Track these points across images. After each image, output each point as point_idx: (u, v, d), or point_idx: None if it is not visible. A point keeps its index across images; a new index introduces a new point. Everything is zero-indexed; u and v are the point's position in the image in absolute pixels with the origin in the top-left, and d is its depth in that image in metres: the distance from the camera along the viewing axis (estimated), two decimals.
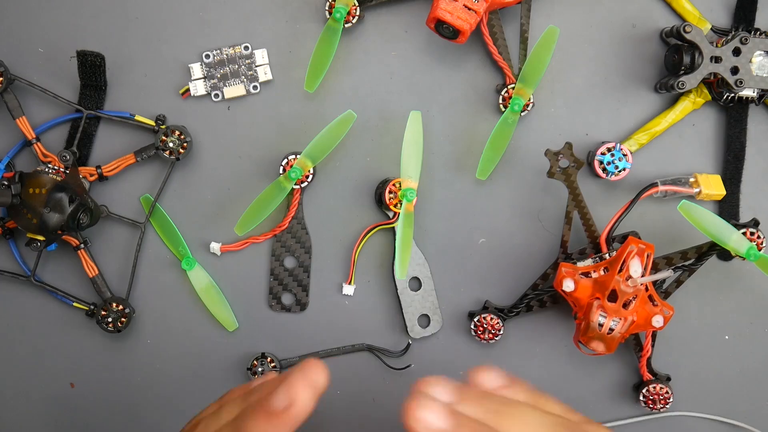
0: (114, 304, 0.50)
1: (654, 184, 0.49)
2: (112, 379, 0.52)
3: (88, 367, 0.52)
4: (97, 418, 0.52)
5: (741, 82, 0.48)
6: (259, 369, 0.51)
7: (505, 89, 0.50)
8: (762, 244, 0.48)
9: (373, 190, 0.51)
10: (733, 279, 0.52)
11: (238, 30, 0.50)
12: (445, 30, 0.47)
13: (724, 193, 0.50)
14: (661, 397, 0.51)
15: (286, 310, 0.52)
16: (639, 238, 0.48)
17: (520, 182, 0.52)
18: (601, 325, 0.45)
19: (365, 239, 0.51)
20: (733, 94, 0.49)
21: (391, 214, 0.50)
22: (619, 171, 0.49)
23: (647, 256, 0.45)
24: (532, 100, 0.50)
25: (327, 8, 0.49)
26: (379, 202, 0.50)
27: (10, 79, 0.47)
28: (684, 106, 0.50)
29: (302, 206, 0.51)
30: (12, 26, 0.50)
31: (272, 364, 0.51)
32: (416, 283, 0.51)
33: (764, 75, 0.48)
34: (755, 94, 0.49)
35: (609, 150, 0.49)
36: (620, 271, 0.45)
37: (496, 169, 0.51)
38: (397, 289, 0.51)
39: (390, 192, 0.49)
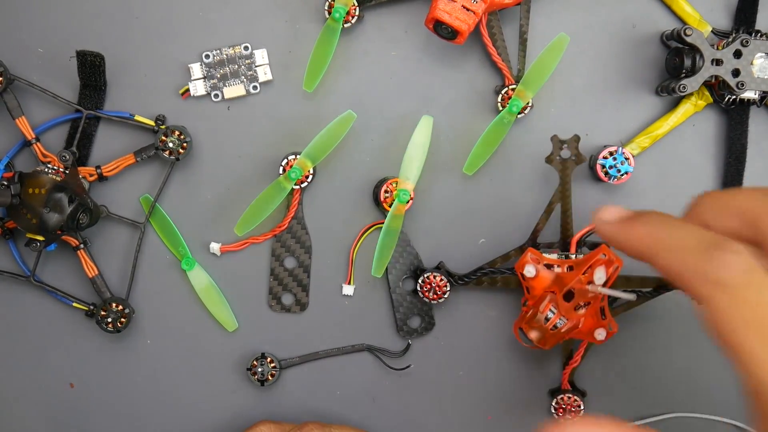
0: (114, 304, 0.50)
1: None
2: (112, 379, 0.52)
3: (87, 367, 0.52)
4: (97, 418, 0.52)
5: (742, 84, 0.48)
6: (259, 369, 0.51)
7: (504, 90, 0.50)
8: None
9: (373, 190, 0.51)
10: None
11: (238, 30, 0.50)
12: (443, 31, 0.47)
13: None
14: (572, 409, 0.51)
15: (286, 311, 0.52)
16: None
17: (520, 182, 0.52)
18: (547, 319, 0.45)
19: (362, 238, 0.51)
20: (734, 97, 0.49)
21: (387, 214, 0.50)
22: (621, 175, 0.49)
23: (615, 268, 0.45)
24: (531, 104, 0.50)
25: (326, 8, 0.49)
26: (377, 201, 0.50)
27: (9, 79, 0.47)
28: (685, 108, 0.50)
29: (302, 206, 0.51)
30: (12, 26, 0.50)
31: (272, 365, 0.51)
32: (410, 283, 0.51)
33: (765, 77, 0.48)
34: (756, 96, 0.49)
35: (611, 154, 0.49)
36: (584, 273, 0.45)
37: (496, 168, 0.51)
38: (389, 288, 0.51)
39: (386, 191, 0.49)
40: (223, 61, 0.50)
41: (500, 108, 0.50)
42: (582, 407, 0.51)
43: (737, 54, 0.48)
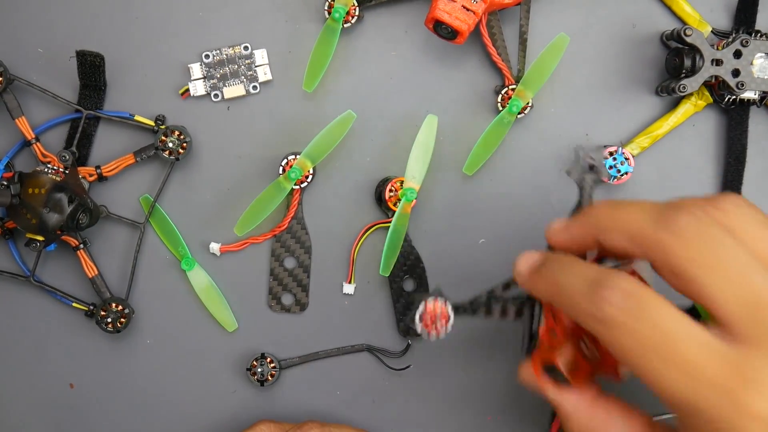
0: (113, 305, 0.50)
1: None
2: (112, 379, 0.52)
3: (87, 368, 0.52)
4: (97, 418, 0.52)
5: (742, 85, 0.48)
6: (259, 369, 0.51)
7: (504, 90, 0.50)
8: None
9: (373, 190, 0.51)
10: None
11: (238, 30, 0.50)
12: (443, 31, 0.47)
13: None
14: None
15: (286, 311, 0.52)
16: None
17: (520, 182, 0.52)
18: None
19: (364, 238, 0.51)
20: (734, 97, 0.49)
21: (390, 213, 0.50)
22: (621, 175, 0.49)
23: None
24: (531, 104, 0.50)
25: (326, 8, 0.49)
26: (379, 200, 0.50)
27: (9, 79, 0.47)
28: (685, 108, 0.50)
29: (302, 206, 0.51)
30: (12, 26, 0.50)
31: (272, 365, 0.51)
32: (411, 283, 0.51)
33: (765, 77, 0.48)
34: (756, 96, 0.49)
35: (611, 154, 0.49)
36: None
37: (496, 168, 0.51)
38: (391, 289, 0.51)
39: (390, 190, 0.49)
40: (222, 61, 0.50)
41: (500, 108, 0.50)
42: None
43: (737, 54, 0.48)
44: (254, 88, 0.50)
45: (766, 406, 0.27)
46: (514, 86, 0.50)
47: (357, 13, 0.49)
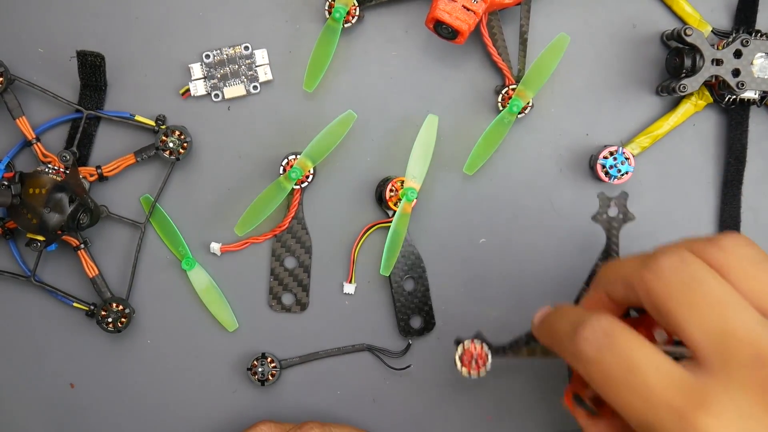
0: (114, 305, 0.50)
1: None
2: (112, 379, 0.52)
3: (88, 367, 0.52)
4: (97, 418, 0.52)
5: (742, 84, 0.48)
6: (259, 369, 0.51)
7: (505, 90, 0.50)
8: None
9: (374, 190, 0.51)
10: None
11: (238, 30, 0.50)
12: (443, 30, 0.47)
13: None
14: None
15: (286, 311, 0.52)
16: None
17: (520, 182, 0.52)
18: None
19: (364, 237, 0.51)
20: (734, 96, 0.49)
21: (390, 213, 0.50)
22: (622, 175, 0.49)
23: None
24: (531, 104, 0.50)
25: (326, 8, 0.49)
26: (380, 200, 0.51)
27: (10, 80, 0.47)
28: (686, 108, 0.50)
29: (302, 206, 0.51)
30: (12, 26, 0.50)
31: (272, 365, 0.51)
32: (411, 283, 0.51)
33: (765, 77, 0.48)
34: (756, 95, 0.49)
35: (611, 154, 0.49)
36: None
37: (496, 168, 0.51)
38: (391, 288, 0.51)
39: (391, 190, 0.49)
40: (223, 61, 0.50)
41: (500, 108, 0.50)
42: None
43: (737, 54, 0.48)
44: (255, 88, 0.50)
45: (718, 427, 0.29)
46: (514, 86, 0.50)
47: (357, 13, 0.49)
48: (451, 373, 0.52)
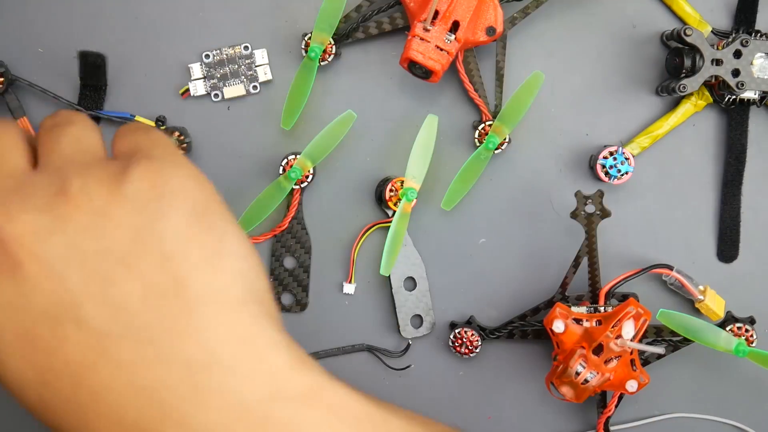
0: None
1: (670, 267, 0.50)
2: None
3: None
4: None
5: (742, 85, 0.48)
6: None
7: (482, 125, 0.50)
8: (752, 336, 0.49)
9: (373, 190, 0.51)
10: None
11: (238, 30, 0.50)
12: (418, 70, 0.47)
13: (722, 316, 0.50)
14: None
15: (286, 310, 0.52)
16: (638, 301, 0.48)
17: (520, 182, 0.52)
18: (578, 374, 0.44)
19: (364, 237, 0.51)
20: (734, 97, 0.49)
21: (390, 213, 0.51)
22: (622, 175, 0.49)
23: (642, 321, 0.45)
24: (508, 139, 0.50)
25: (303, 46, 0.49)
26: (380, 200, 0.51)
27: (10, 80, 0.47)
28: (685, 108, 0.50)
29: (302, 206, 0.51)
30: (12, 26, 0.50)
31: None
32: (411, 283, 0.52)
33: (765, 77, 0.48)
34: (756, 95, 0.49)
35: (611, 154, 0.49)
36: (613, 327, 0.45)
37: (496, 168, 0.51)
38: (391, 289, 0.51)
39: (391, 190, 0.49)
40: (223, 61, 0.50)
41: (477, 143, 0.50)
42: None
43: (737, 54, 0.48)
44: (254, 88, 0.50)
45: None
46: (491, 122, 0.50)
47: (334, 51, 0.49)
48: (452, 373, 0.52)
